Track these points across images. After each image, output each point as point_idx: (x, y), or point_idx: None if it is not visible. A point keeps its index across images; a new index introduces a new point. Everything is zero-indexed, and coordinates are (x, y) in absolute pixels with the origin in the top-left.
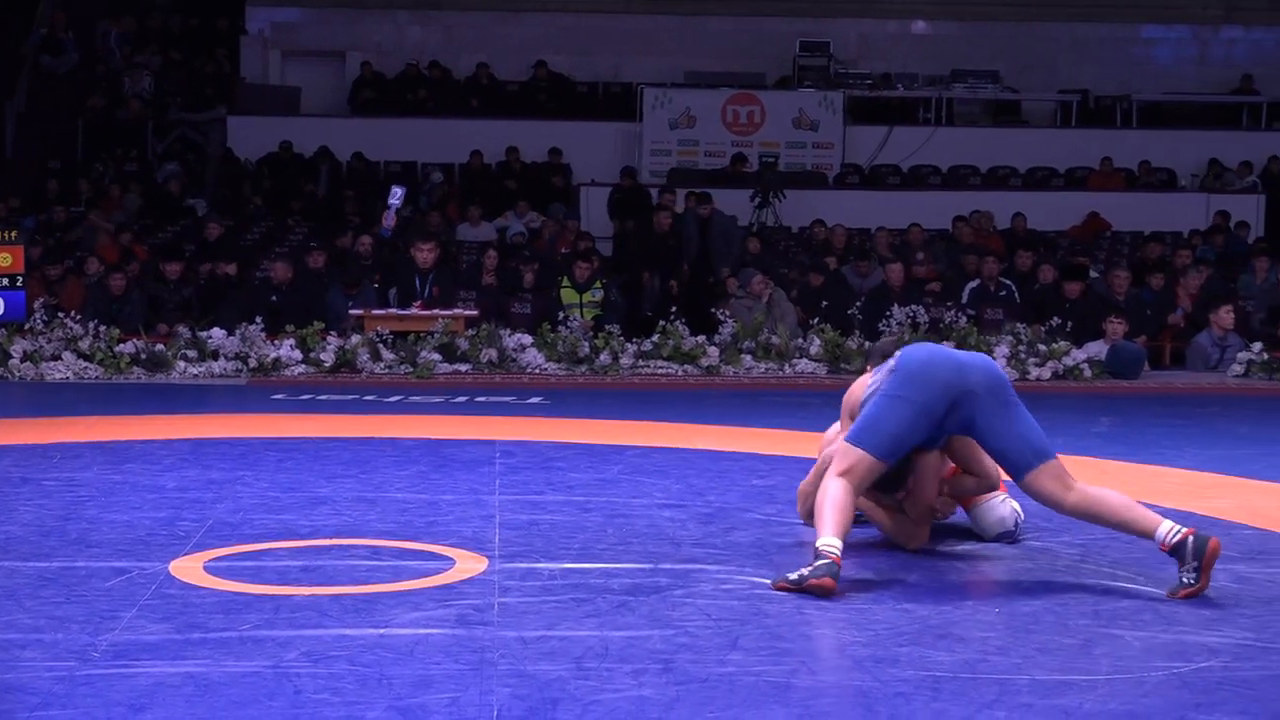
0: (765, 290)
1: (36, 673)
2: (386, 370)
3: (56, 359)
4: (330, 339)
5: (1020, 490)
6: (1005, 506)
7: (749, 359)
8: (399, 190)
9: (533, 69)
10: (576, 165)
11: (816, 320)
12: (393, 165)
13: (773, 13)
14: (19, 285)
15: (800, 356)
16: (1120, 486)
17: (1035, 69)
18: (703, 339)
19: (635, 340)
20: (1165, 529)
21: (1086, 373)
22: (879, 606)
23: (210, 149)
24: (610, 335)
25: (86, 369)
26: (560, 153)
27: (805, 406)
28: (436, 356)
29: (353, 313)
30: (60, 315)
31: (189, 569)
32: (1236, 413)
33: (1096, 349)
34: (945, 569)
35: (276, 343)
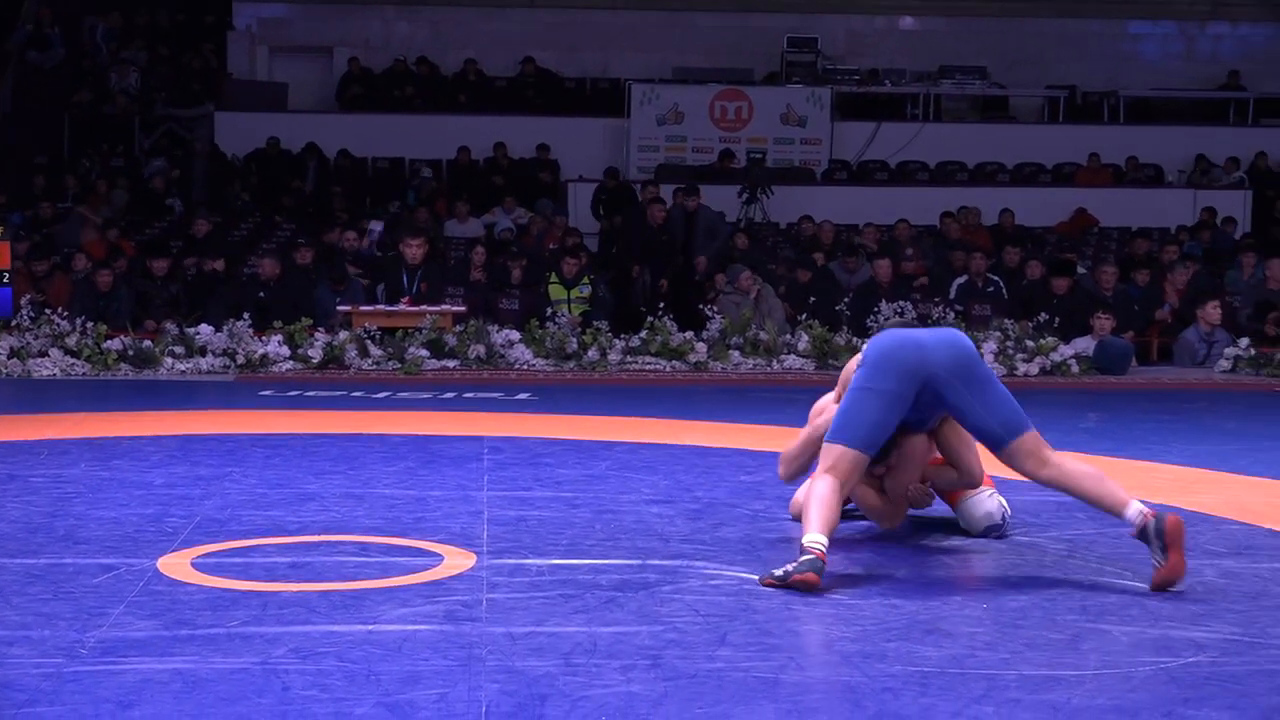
0: (753, 286)
1: (24, 670)
2: (374, 366)
3: (44, 355)
4: (318, 335)
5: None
6: (992, 501)
7: (737, 355)
8: (377, 226)
9: (520, 65)
10: (564, 161)
11: (804, 316)
12: (380, 161)
13: (760, 8)
14: (5, 281)
15: (788, 352)
16: None
17: (1023, 65)
18: (691, 335)
19: (623, 336)
20: (1133, 511)
21: (1074, 368)
22: (867, 602)
23: (197, 145)
24: (598, 331)
25: (74, 365)
26: (548, 149)
27: (793, 402)
28: (424, 353)
29: (340, 309)
30: (47, 312)
31: (177, 565)
32: (1224, 408)
33: (1084, 345)
34: (933, 564)
35: (264, 339)
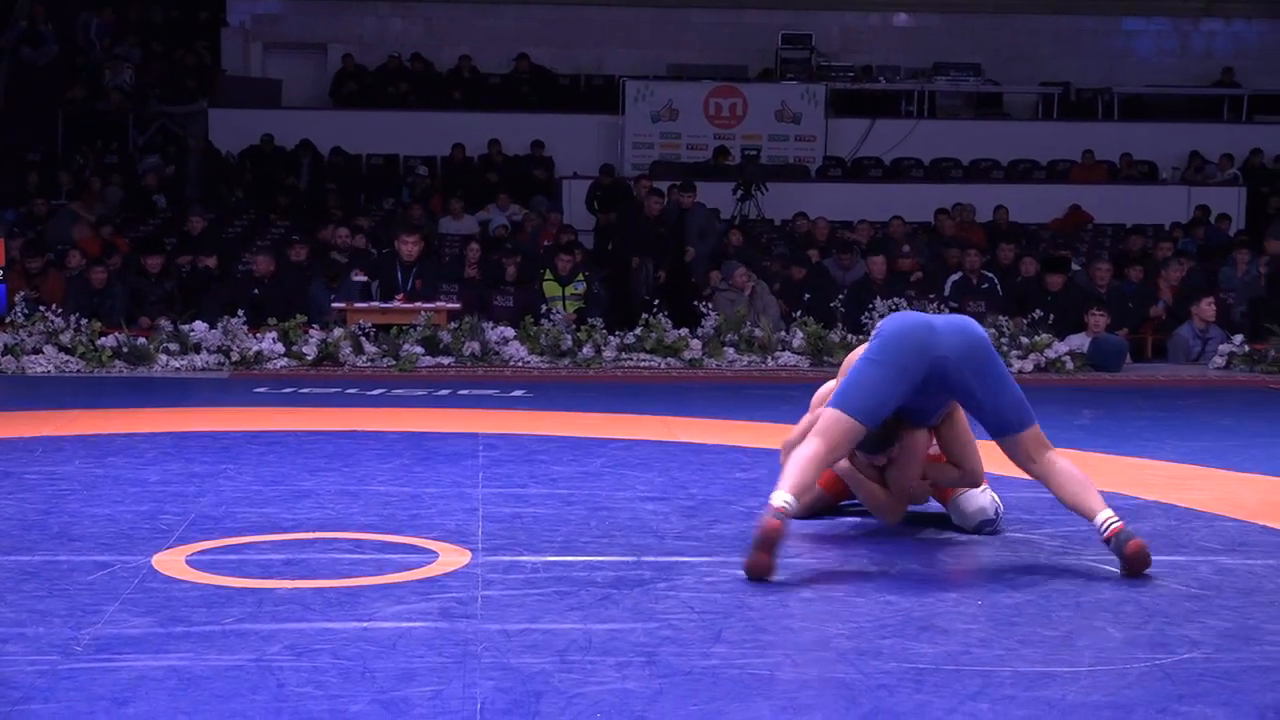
0: (748, 283)
1: (19, 667)
2: (369, 363)
3: (38, 353)
4: (313, 332)
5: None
6: (985, 496)
7: (731, 352)
8: (361, 278)
9: (514, 61)
10: (559, 158)
11: (799, 313)
12: (375, 158)
13: (755, 5)
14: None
15: (783, 349)
16: (1102, 479)
17: (1017, 62)
18: (685, 332)
19: (618, 333)
20: (1101, 519)
21: (1068, 365)
22: (862, 599)
23: (191, 141)
24: (593, 328)
25: (68, 362)
26: (542, 145)
27: (788, 399)
28: (419, 349)
29: (335, 306)
30: (41, 309)
31: (171, 563)
32: (1218, 405)
33: (1078, 341)
34: (927, 561)
35: (258, 336)
